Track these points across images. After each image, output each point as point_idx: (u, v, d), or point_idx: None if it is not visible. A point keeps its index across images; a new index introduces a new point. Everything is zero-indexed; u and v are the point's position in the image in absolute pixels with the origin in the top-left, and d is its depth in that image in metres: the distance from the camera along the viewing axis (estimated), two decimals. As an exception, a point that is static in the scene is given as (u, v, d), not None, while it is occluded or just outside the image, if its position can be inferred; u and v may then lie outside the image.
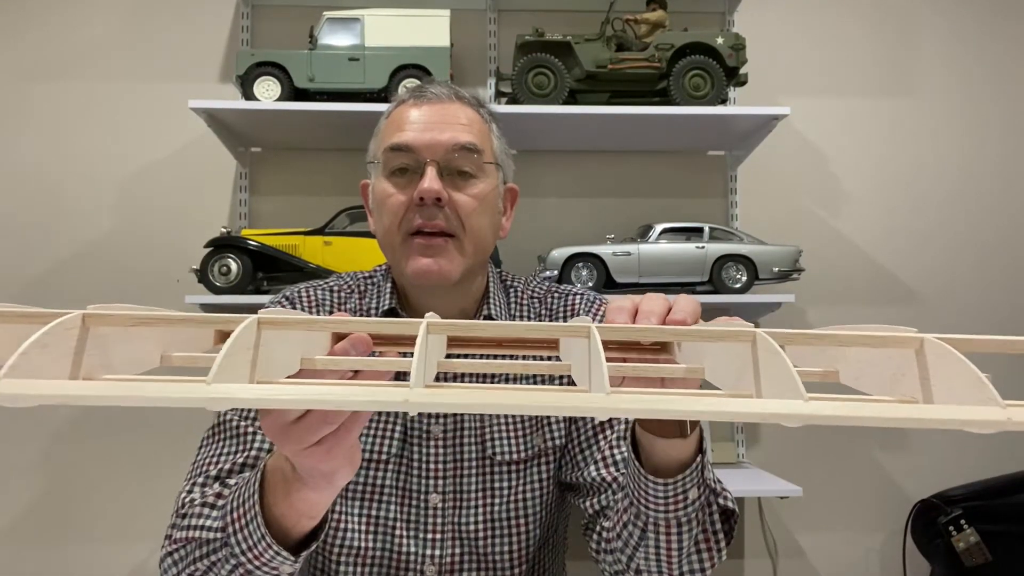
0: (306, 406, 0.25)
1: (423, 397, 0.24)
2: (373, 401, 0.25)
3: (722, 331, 0.31)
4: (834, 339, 0.33)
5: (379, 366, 0.40)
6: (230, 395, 0.25)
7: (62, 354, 0.29)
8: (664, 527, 0.74)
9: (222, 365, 0.26)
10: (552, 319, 1.05)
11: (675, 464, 0.71)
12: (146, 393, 0.24)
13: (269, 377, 0.33)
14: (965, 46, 2.17)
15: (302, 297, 1.02)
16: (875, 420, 0.25)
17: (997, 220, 2.14)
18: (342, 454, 0.59)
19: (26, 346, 0.26)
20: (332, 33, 1.82)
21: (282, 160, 2.06)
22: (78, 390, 0.25)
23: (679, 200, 2.11)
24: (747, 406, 0.24)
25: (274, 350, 0.34)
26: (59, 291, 2.00)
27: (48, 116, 2.04)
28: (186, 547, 0.78)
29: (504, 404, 0.25)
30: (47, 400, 0.25)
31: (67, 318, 0.29)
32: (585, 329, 0.30)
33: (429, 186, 0.91)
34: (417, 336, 0.29)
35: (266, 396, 0.25)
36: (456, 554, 0.95)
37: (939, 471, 2.02)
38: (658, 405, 0.24)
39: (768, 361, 0.28)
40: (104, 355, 0.32)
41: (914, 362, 0.33)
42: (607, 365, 0.25)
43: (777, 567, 2.04)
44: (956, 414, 0.25)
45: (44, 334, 0.27)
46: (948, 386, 0.31)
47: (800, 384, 0.25)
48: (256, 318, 0.32)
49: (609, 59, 1.82)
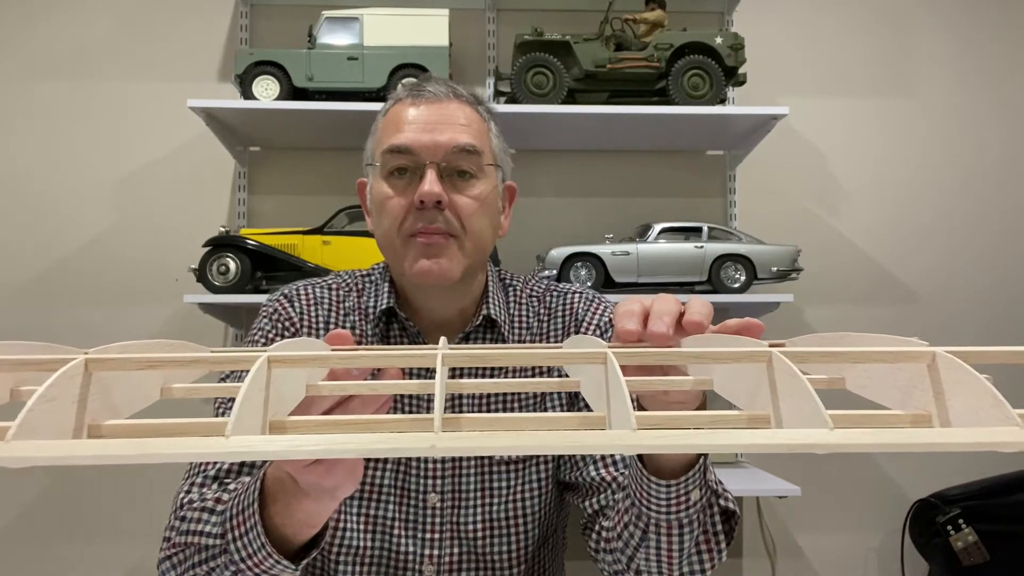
0: (329, 456, 0.25)
1: (450, 442, 0.24)
2: (399, 448, 0.24)
3: (737, 352, 0.31)
4: (848, 356, 0.33)
5: (383, 390, 0.39)
6: (251, 448, 0.25)
7: (67, 403, 0.28)
8: (666, 528, 0.75)
9: (239, 414, 0.26)
10: (551, 318, 1.04)
11: (678, 466, 0.71)
12: (165, 450, 0.23)
13: (280, 409, 0.33)
14: (963, 46, 2.17)
15: (300, 295, 1.01)
16: (902, 447, 0.25)
17: (995, 219, 2.14)
18: (344, 471, 0.58)
19: (32, 403, 0.25)
20: (331, 32, 1.82)
21: (281, 159, 2.06)
22: (91, 450, 0.24)
23: (678, 200, 2.11)
24: (773, 438, 0.23)
25: (281, 381, 0.34)
26: (58, 290, 1.99)
27: (47, 115, 2.03)
28: (184, 551, 0.77)
29: (532, 445, 0.24)
30: (59, 462, 0.24)
31: (70, 367, 0.29)
32: (602, 355, 0.30)
33: (429, 189, 0.90)
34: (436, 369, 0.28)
35: (288, 448, 0.25)
36: (455, 554, 0.95)
37: (937, 471, 2.02)
38: (684, 440, 0.24)
39: (786, 384, 0.28)
40: (107, 397, 0.31)
41: (926, 375, 0.33)
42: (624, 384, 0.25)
43: (776, 567, 2.04)
44: (982, 437, 0.25)
45: (49, 387, 0.27)
46: (962, 401, 0.31)
47: (824, 411, 0.25)
48: (267, 357, 0.31)
49: (608, 59, 1.82)
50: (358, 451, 0.24)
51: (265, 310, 1.01)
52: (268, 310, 1.00)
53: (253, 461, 0.88)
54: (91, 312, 1.99)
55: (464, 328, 1.00)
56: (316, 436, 0.24)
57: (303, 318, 1.00)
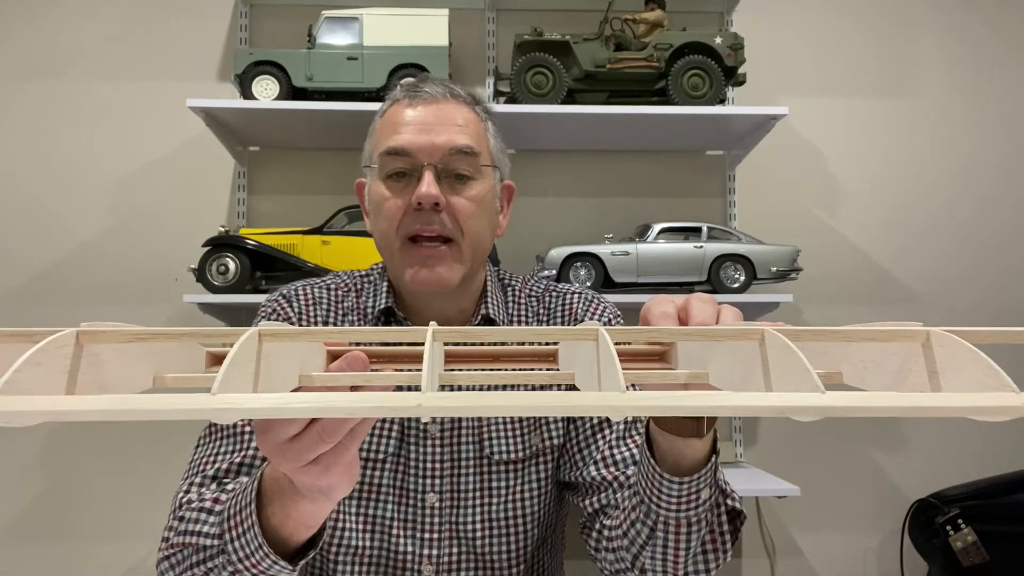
0: (316, 414, 0.24)
1: (437, 401, 0.24)
2: (386, 407, 0.24)
3: (731, 330, 0.31)
4: (841, 335, 0.33)
5: (378, 381, 0.39)
6: (236, 405, 0.24)
7: (56, 372, 0.28)
8: (674, 526, 0.75)
9: (226, 376, 0.26)
10: (550, 318, 1.04)
11: (690, 463, 0.71)
12: (151, 406, 0.23)
13: (271, 390, 0.32)
14: (963, 46, 2.17)
15: (299, 295, 1.02)
16: (892, 410, 0.24)
17: (995, 219, 2.14)
18: (340, 471, 0.58)
19: (20, 363, 0.25)
20: (330, 32, 1.82)
21: (280, 159, 2.06)
22: (80, 405, 0.23)
23: (677, 200, 2.11)
24: (764, 399, 0.23)
25: (273, 366, 0.33)
26: (57, 290, 1.99)
27: (46, 114, 2.03)
28: (182, 552, 0.77)
29: (519, 406, 0.24)
30: (48, 417, 0.23)
31: (60, 335, 0.29)
32: (593, 332, 0.30)
33: (427, 191, 0.90)
34: (424, 344, 0.28)
35: (274, 405, 0.24)
36: (454, 554, 0.94)
37: (937, 471, 2.02)
38: (673, 402, 0.24)
39: (779, 357, 0.28)
40: (98, 374, 0.31)
41: (921, 356, 0.33)
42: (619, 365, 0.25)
43: (775, 567, 2.04)
44: (972, 401, 0.25)
45: (37, 352, 0.27)
46: (957, 377, 0.30)
47: (816, 376, 0.25)
48: (257, 330, 0.31)
49: (607, 59, 1.82)
50: (345, 410, 0.24)
51: (264, 310, 1.01)
52: (267, 310, 1.01)
53: (252, 462, 0.88)
54: (90, 312, 1.98)
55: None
56: (303, 395, 0.24)
57: (302, 318, 1.00)
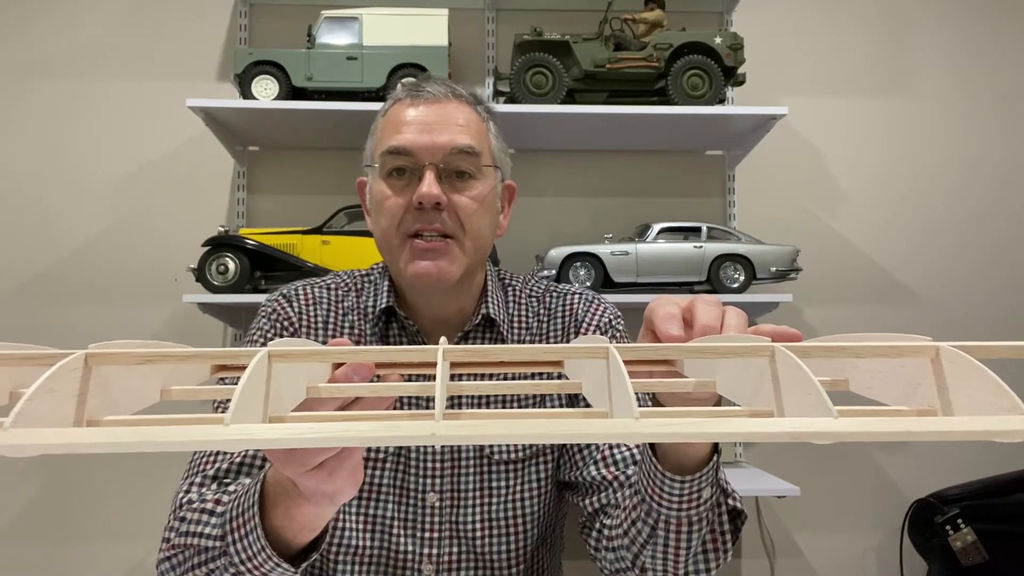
0: (331, 444, 0.24)
1: (450, 430, 0.24)
2: (399, 436, 0.24)
3: (740, 347, 0.31)
4: (851, 351, 0.33)
5: (385, 392, 0.39)
6: (250, 436, 0.24)
7: (66, 397, 0.28)
8: (675, 525, 0.75)
9: (238, 404, 0.26)
10: (550, 318, 1.04)
11: (692, 463, 0.71)
12: (163, 438, 0.23)
13: (280, 408, 0.33)
14: (963, 46, 2.17)
15: (299, 295, 1.02)
16: (907, 435, 0.24)
17: (995, 220, 2.14)
18: (344, 475, 0.58)
19: (31, 392, 0.25)
20: (330, 32, 1.82)
21: (280, 159, 2.06)
22: (93, 438, 0.23)
23: (677, 200, 2.11)
24: (777, 426, 0.23)
25: (282, 379, 0.33)
26: (57, 290, 1.99)
27: (46, 114, 2.02)
28: (184, 553, 0.77)
29: (532, 434, 0.24)
30: (56, 450, 0.23)
31: (70, 359, 0.28)
32: (604, 350, 0.30)
33: (428, 191, 0.90)
34: (436, 363, 0.28)
35: (288, 436, 0.24)
36: (454, 553, 0.95)
37: (936, 470, 2.02)
38: (687, 428, 0.24)
39: (789, 377, 0.28)
40: (106, 394, 0.31)
41: (929, 371, 0.33)
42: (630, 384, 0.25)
43: (775, 566, 2.04)
44: (984, 425, 0.25)
45: (49, 378, 0.26)
46: (966, 394, 0.30)
47: (828, 400, 0.25)
48: (267, 352, 0.31)
49: (607, 59, 1.82)
50: (358, 440, 0.24)
51: (264, 310, 1.01)
52: (267, 310, 1.00)
53: (253, 462, 0.88)
54: (90, 312, 1.98)
55: (463, 327, 1.00)
56: (316, 425, 0.24)
57: (302, 318, 1.00)
